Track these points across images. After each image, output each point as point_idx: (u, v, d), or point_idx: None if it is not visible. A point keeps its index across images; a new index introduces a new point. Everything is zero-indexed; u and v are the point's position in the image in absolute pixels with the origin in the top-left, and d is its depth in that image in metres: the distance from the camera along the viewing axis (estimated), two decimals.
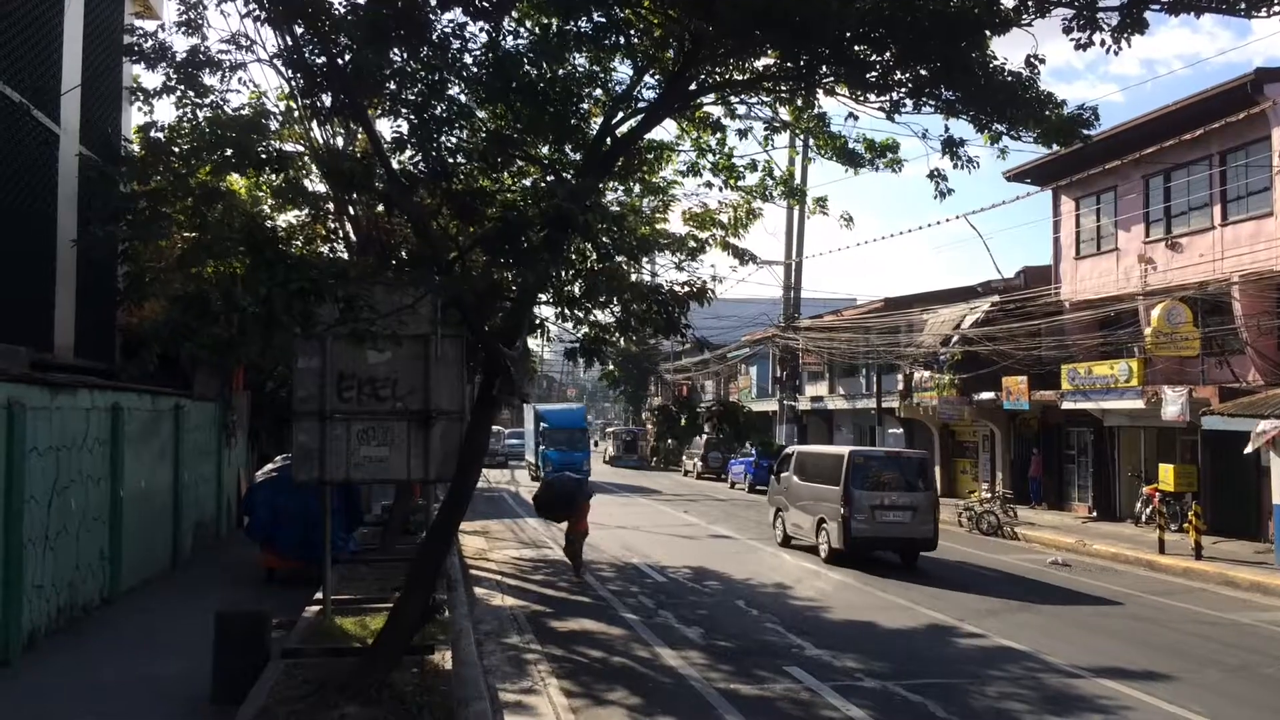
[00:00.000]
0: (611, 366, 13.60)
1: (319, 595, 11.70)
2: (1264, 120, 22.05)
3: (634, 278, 9.96)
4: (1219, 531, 22.64)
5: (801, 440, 44.02)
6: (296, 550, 14.86)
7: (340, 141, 14.79)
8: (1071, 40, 7.99)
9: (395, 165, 8.19)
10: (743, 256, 12.64)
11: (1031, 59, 8.59)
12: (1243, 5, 7.71)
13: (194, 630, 10.44)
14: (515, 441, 62.62)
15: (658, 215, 12.93)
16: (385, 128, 23.18)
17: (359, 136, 12.38)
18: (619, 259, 8.73)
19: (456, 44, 8.00)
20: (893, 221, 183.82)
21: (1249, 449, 19.36)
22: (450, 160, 8.33)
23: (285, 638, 10.31)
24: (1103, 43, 7.98)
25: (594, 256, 8.32)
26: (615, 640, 13.10)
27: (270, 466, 17.18)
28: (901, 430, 37.70)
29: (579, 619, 14.53)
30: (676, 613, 14.74)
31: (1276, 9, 7.67)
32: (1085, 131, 8.99)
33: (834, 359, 39.79)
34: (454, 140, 8.75)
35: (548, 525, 27.15)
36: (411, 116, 8.08)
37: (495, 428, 58.97)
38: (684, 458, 51.97)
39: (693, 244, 12.77)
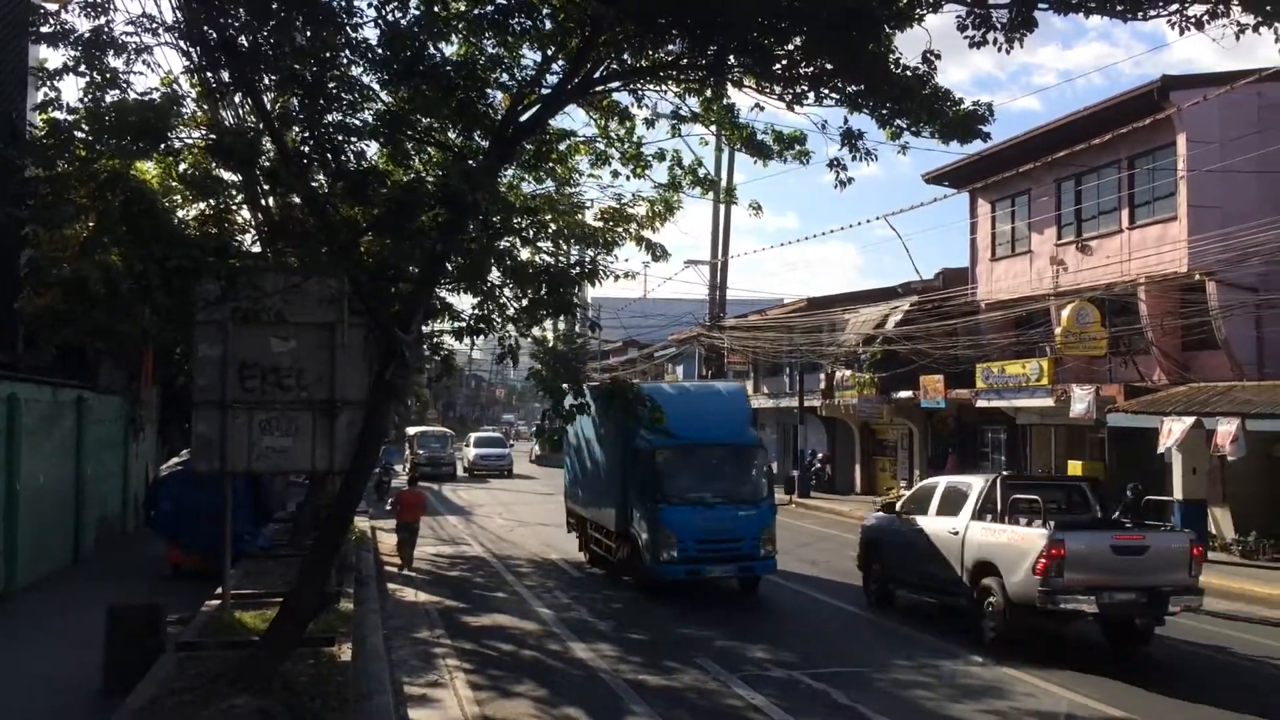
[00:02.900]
0: (539, 366, 13.46)
1: (221, 589, 11.48)
2: (1170, 126, 22.65)
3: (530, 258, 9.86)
4: None
5: None
6: (203, 545, 14.52)
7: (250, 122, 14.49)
8: (966, 38, 8.17)
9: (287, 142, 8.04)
10: (655, 251, 12.68)
11: (928, 54, 8.74)
12: (1121, 6, 7.95)
13: (91, 626, 10.12)
14: (489, 450, 49.13)
15: (566, 206, 12.86)
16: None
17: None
18: (510, 240, 8.67)
19: (345, 19, 7.90)
20: (819, 224, 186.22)
21: (1160, 448, 19.90)
22: (342, 139, 8.21)
23: (182, 631, 10.10)
24: (995, 40, 8.17)
25: (484, 236, 8.26)
26: (528, 635, 13.08)
27: (176, 460, 16.80)
28: (824, 429, 38.11)
29: (492, 614, 14.48)
30: (591, 607, 14.77)
31: (1154, 13, 7.93)
32: (983, 128, 9.18)
33: (758, 358, 40.08)
34: (357, 121, 8.61)
35: (469, 523, 27.08)
36: (300, 93, 7.94)
37: (442, 430, 52.91)
38: None
39: (607, 239, 12.73)
